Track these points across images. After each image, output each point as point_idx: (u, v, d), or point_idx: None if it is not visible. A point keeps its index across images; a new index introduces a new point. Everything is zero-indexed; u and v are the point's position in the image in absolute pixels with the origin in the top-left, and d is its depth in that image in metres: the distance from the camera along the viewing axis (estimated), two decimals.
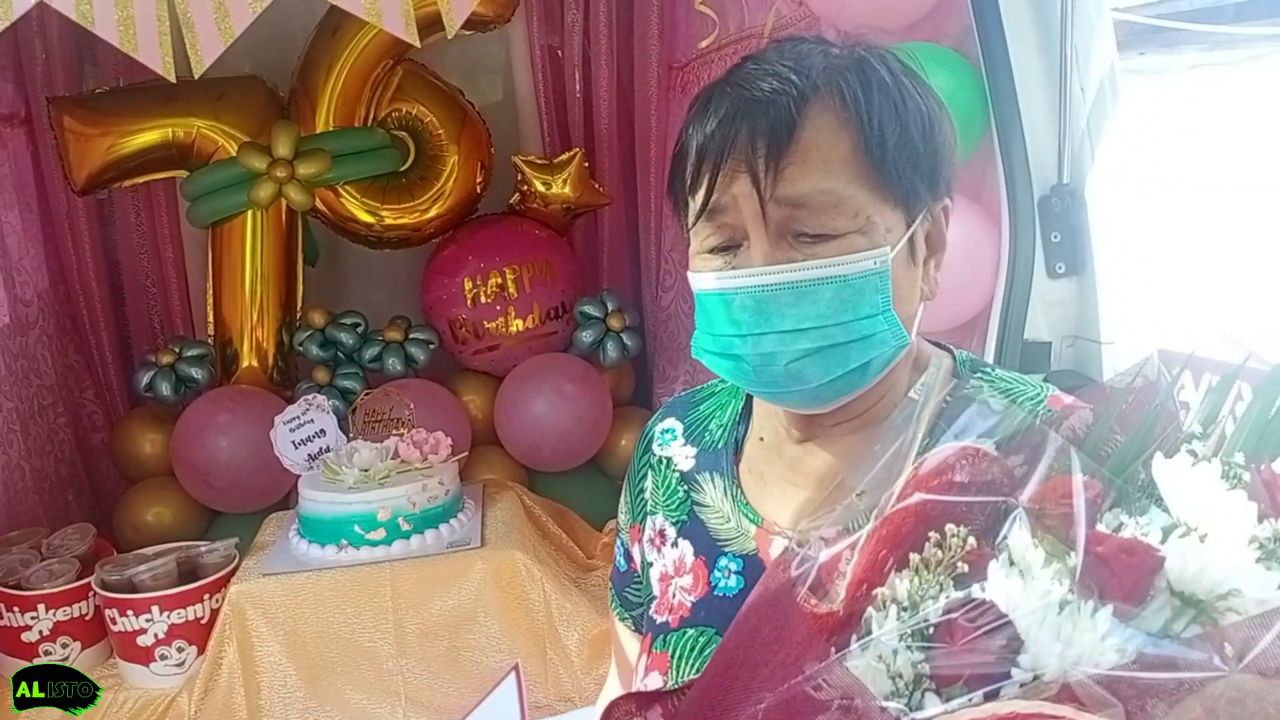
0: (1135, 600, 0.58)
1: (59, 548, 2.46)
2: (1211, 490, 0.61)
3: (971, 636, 0.59)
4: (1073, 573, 0.59)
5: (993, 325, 1.84)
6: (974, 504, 0.65)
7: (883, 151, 0.83)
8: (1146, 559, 0.58)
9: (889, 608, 0.63)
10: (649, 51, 3.11)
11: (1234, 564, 0.58)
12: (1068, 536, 0.60)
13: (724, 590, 0.98)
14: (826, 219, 0.82)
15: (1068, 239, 1.80)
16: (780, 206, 0.83)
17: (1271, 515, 0.60)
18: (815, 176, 0.82)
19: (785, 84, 0.83)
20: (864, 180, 0.83)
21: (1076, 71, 1.73)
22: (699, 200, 0.86)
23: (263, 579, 2.34)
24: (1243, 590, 0.57)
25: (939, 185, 0.88)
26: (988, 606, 0.59)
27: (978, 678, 0.58)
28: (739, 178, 0.83)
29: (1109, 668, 0.56)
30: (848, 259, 0.82)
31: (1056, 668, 0.56)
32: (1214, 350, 0.71)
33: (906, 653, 0.61)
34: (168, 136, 2.92)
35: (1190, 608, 0.58)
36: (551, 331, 3.19)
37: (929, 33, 1.91)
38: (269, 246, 3.03)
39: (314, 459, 2.64)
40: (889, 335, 0.85)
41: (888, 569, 0.66)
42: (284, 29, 3.04)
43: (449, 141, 3.10)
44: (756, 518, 0.98)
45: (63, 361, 3.10)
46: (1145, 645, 0.56)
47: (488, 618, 2.39)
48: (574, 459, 3.10)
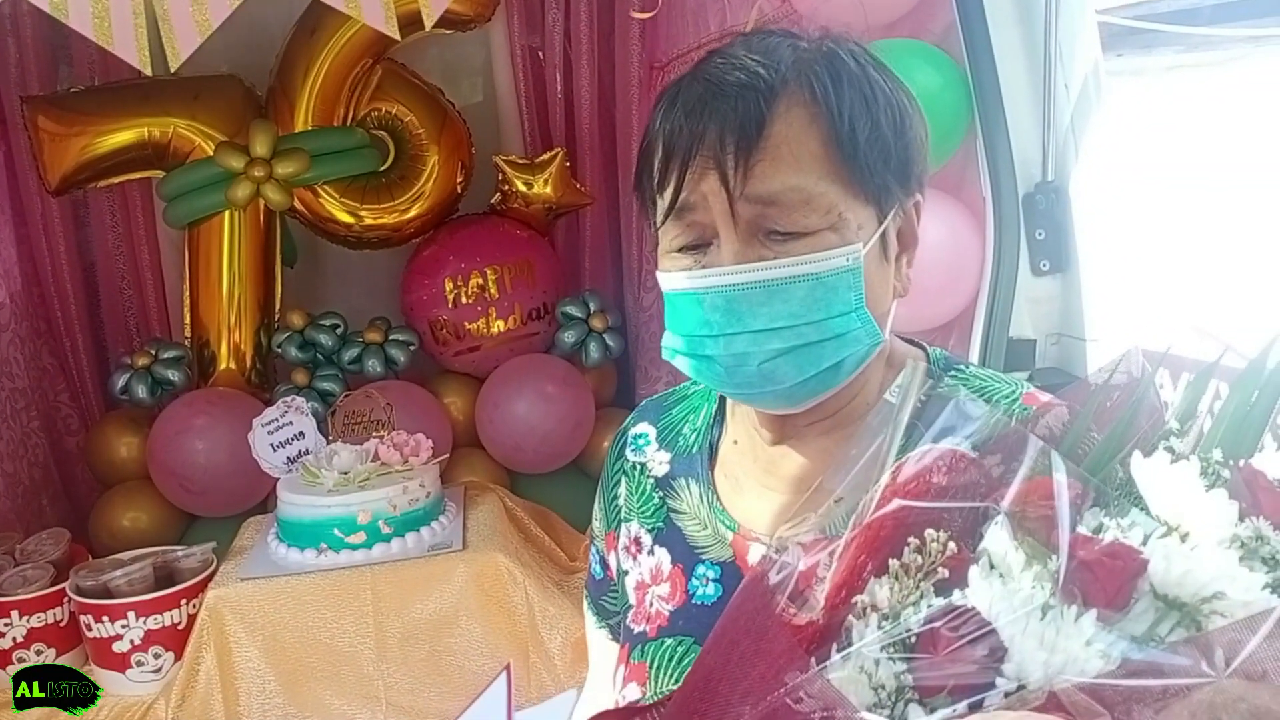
0: (1119, 605, 0.57)
1: (33, 553, 2.42)
2: (1191, 489, 0.60)
3: (954, 646, 0.58)
4: (1054, 576, 0.58)
5: (977, 323, 1.84)
6: (953, 508, 0.64)
7: (854, 146, 0.81)
8: (1130, 563, 0.57)
9: (869, 615, 0.62)
10: (630, 51, 3.10)
11: (1218, 566, 0.57)
12: (1049, 540, 0.59)
13: (702, 599, 0.96)
14: (798, 216, 0.81)
15: (1052, 236, 1.80)
16: (750, 204, 0.81)
17: (1253, 514, 0.59)
18: (786, 173, 0.80)
19: (753, 77, 0.81)
20: (835, 176, 0.81)
21: (1060, 68, 1.72)
22: (667, 198, 0.84)
23: (241, 583, 2.30)
24: (1227, 593, 0.56)
25: (910, 180, 0.87)
26: (970, 614, 0.58)
27: (962, 688, 0.57)
28: (708, 175, 0.81)
29: (1094, 674, 0.55)
30: (820, 256, 0.81)
31: (1041, 676, 0.56)
32: (1189, 346, 0.70)
33: (889, 663, 0.60)
34: (144, 136, 2.88)
35: (1174, 610, 0.57)
36: (533, 332, 3.17)
37: (912, 29, 1.90)
38: (247, 247, 2.99)
39: (293, 462, 2.61)
40: (862, 333, 0.84)
41: (867, 575, 0.65)
42: (261, 28, 3.01)
43: (429, 141, 3.07)
44: (733, 524, 0.96)
45: (36, 364, 3.06)
46: (1130, 651, 0.55)
47: (470, 621, 2.36)
48: (556, 461, 3.08)
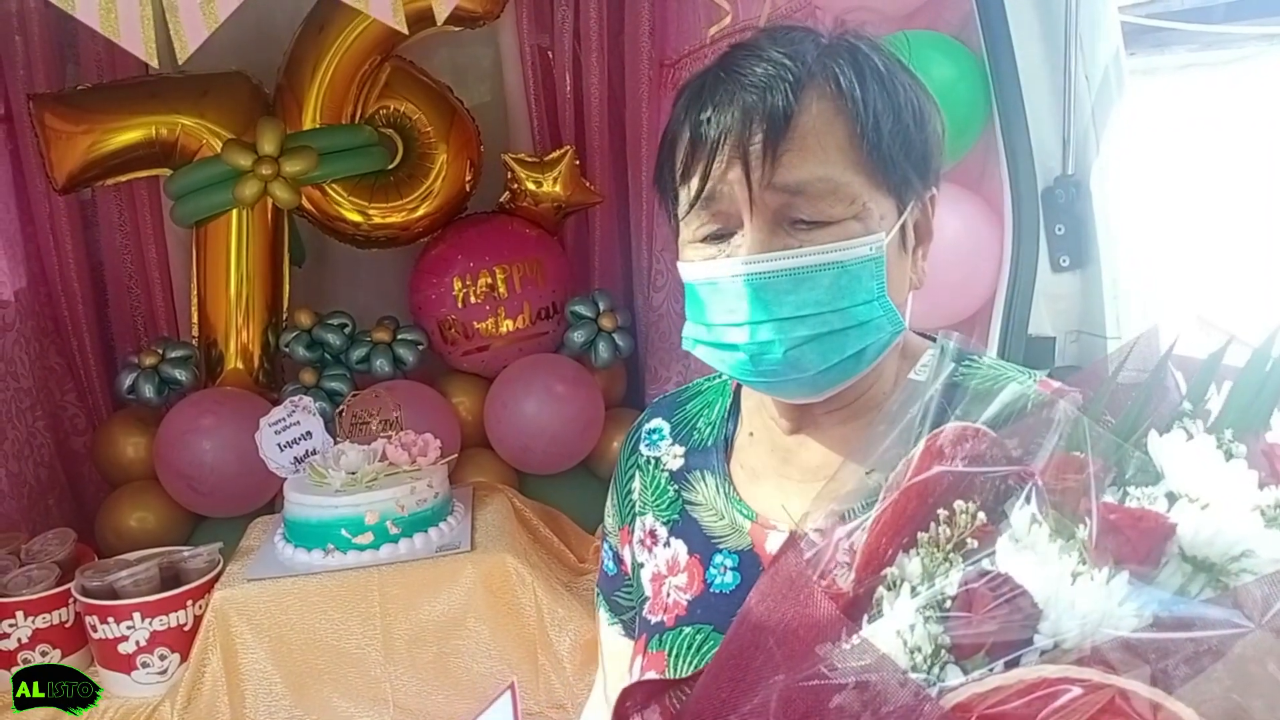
0: (1149, 566, 0.59)
1: (38, 553, 2.40)
2: (1210, 460, 0.62)
3: (992, 605, 0.59)
4: (1083, 544, 0.60)
5: (995, 320, 1.81)
6: (981, 481, 0.66)
7: (878, 138, 0.83)
8: (1158, 525, 0.60)
9: (899, 587, 0.64)
10: (640, 49, 3.07)
11: (1243, 528, 0.59)
12: (1078, 508, 0.61)
13: (720, 587, 0.98)
14: (824, 205, 0.83)
15: (1072, 232, 1.77)
16: (777, 193, 0.83)
17: (1272, 482, 0.61)
18: (813, 164, 0.82)
19: (780, 69, 0.83)
20: (860, 167, 0.83)
21: (1081, 59, 1.69)
22: (692, 188, 0.86)
23: (247, 584, 2.28)
24: (1256, 551, 0.58)
25: (929, 174, 0.90)
26: (1003, 575, 0.60)
27: (999, 646, 0.59)
28: (734, 165, 0.83)
29: (1130, 631, 0.57)
30: (846, 244, 0.83)
31: (1077, 634, 0.57)
32: (1193, 336, 0.73)
33: (924, 626, 0.61)
34: (151, 134, 2.86)
35: (1203, 572, 0.59)
36: (542, 332, 3.14)
37: (929, 20, 1.87)
38: (254, 246, 2.97)
39: (300, 462, 2.59)
40: (884, 321, 0.86)
41: (896, 548, 0.66)
42: (269, 25, 2.99)
43: (438, 139, 3.05)
44: (751, 513, 0.98)
45: (43, 364, 3.04)
46: (1162, 608, 0.57)
47: (478, 623, 2.34)
48: (565, 461, 3.06)
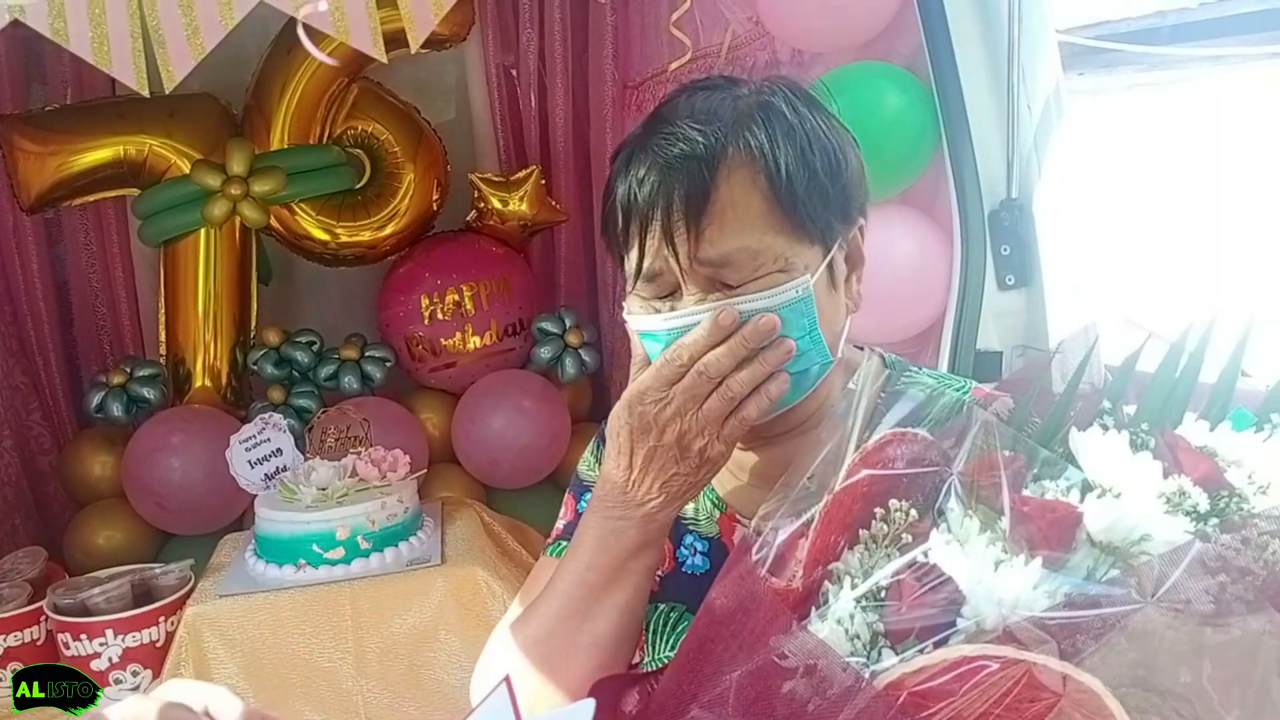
0: (1062, 551, 0.66)
1: (9, 572, 2.41)
2: (1120, 453, 0.69)
3: (918, 593, 0.66)
4: (1004, 535, 0.66)
5: (946, 336, 1.89)
6: (913, 480, 0.73)
7: (793, 200, 0.89)
8: (1067, 514, 0.66)
9: (843, 580, 0.70)
10: (604, 71, 3.13)
11: (1141, 514, 0.65)
12: (998, 502, 0.68)
13: (691, 568, 1.06)
14: (748, 270, 0.90)
15: (1017, 252, 1.85)
16: (704, 266, 0.90)
17: (1175, 472, 0.68)
18: (731, 236, 0.88)
19: (693, 146, 0.89)
20: (780, 227, 0.89)
21: (1024, 89, 1.78)
22: (632, 260, 0.94)
23: (219, 600, 2.30)
24: (1153, 535, 0.65)
25: (851, 214, 0.96)
26: (930, 565, 0.67)
27: (927, 630, 0.65)
28: (664, 243, 0.90)
29: (1041, 611, 0.63)
30: (773, 291, 0.89)
31: (996, 615, 0.63)
32: (1118, 335, 0.80)
33: (862, 615, 0.67)
34: (119, 154, 2.88)
35: (1109, 555, 0.65)
36: (509, 348, 3.19)
37: (883, 51, 1.95)
38: (223, 265, 2.99)
39: (271, 478, 2.61)
40: (814, 354, 0.93)
41: (840, 546, 0.73)
42: (237, 46, 2.98)
43: (405, 159, 3.09)
44: (721, 504, 1.06)
45: (9, 383, 3.03)
46: (1071, 589, 0.63)
47: (449, 635, 2.37)
48: (532, 475, 3.10)
